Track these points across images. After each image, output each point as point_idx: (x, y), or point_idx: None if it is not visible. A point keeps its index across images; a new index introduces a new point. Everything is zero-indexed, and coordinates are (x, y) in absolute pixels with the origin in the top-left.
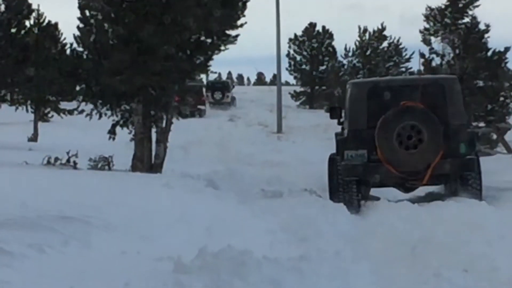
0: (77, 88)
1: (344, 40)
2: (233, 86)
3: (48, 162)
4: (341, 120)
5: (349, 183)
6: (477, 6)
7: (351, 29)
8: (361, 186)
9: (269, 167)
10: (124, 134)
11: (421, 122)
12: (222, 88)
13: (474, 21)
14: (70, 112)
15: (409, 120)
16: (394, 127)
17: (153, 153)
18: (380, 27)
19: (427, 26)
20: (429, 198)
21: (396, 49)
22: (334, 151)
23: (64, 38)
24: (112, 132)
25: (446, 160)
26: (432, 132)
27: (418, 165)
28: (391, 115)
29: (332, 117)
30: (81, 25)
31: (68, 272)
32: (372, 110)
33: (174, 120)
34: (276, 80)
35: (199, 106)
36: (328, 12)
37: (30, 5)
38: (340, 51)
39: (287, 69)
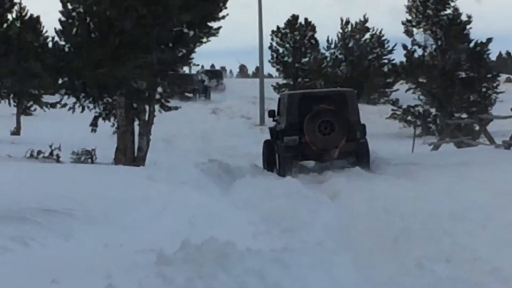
0: (60, 81)
1: (328, 32)
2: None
3: (31, 156)
4: (275, 118)
5: (286, 158)
6: None
7: (334, 22)
8: (293, 160)
9: (252, 159)
10: (107, 127)
11: (333, 118)
12: (217, 76)
13: (456, 13)
14: (53, 105)
15: (326, 117)
16: (316, 121)
17: (136, 145)
18: (362, 19)
19: (409, 17)
20: (411, 191)
21: (379, 41)
22: None
23: (46, 31)
24: (94, 124)
25: (348, 143)
26: (340, 125)
27: (331, 146)
28: (314, 114)
29: (269, 116)
30: (63, 19)
31: (51, 265)
32: (301, 111)
33: (156, 113)
34: (258, 72)
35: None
36: (311, 4)
37: None
38: (322, 43)
39: (269, 61)
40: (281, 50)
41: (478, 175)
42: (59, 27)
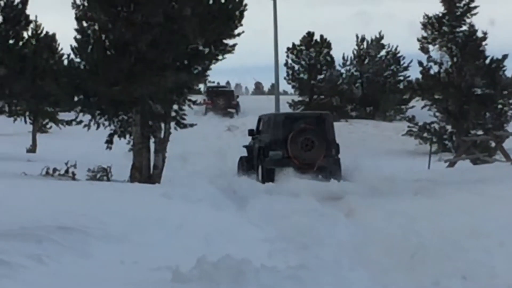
0: (75, 98)
1: (343, 49)
2: (237, 95)
3: (47, 173)
4: (254, 136)
5: (271, 170)
6: (475, 14)
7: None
8: (275, 172)
9: None
10: (123, 144)
11: (313, 136)
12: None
13: (472, 29)
14: (68, 122)
15: (307, 135)
16: (299, 138)
17: (152, 163)
18: (378, 35)
19: (425, 34)
20: (428, 207)
21: (394, 57)
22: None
23: (62, 49)
24: (109, 141)
25: (325, 159)
26: (319, 142)
27: (311, 160)
28: (297, 132)
29: (249, 134)
30: (78, 37)
31: (67, 282)
32: (285, 129)
33: (172, 130)
34: (274, 89)
35: (229, 109)
36: (327, 21)
37: (27, 16)
38: (338, 60)
39: (285, 78)
40: (296, 67)
41: (494, 192)
42: (74, 44)
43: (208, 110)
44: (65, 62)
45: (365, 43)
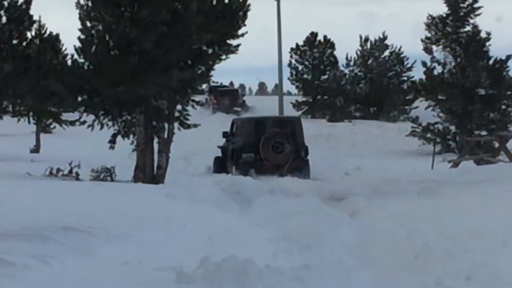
0: (79, 99)
1: (347, 49)
2: (243, 95)
3: (51, 173)
4: (228, 138)
5: (244, 171)
6: (479, 14)
7: (353, 39)
8: (248, 171)
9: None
10: (126, 145)
11: (284, 139)
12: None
13: (475, 30)
14: (72, 123)
15: (278, 139)
16: (270, 141)
17: (155, 163)
18: (381, 36)
19: (429, 35)
20: (432, 208)
21: (398, 58)
22: (335, 159)
23: (65, 49)
24: (112, 141)
25: (295, 160)
26: (289, 145)
27: (282, 162)
28: (269, 135)
29: (223, 137)
30: (82, 37)
31: (71, 283)
32: (257, 132)
33: (176, 130)
34: (277, 89)
35: (235, 108)
36: (330, 22)
37: (31, 16)
38: (342, 61)
39: (288, 78)
40: (300, 67)
41: (498, 192)
42: (78, 44)
43: (215, 110)
44: (69, 62)
45: (368, 44)
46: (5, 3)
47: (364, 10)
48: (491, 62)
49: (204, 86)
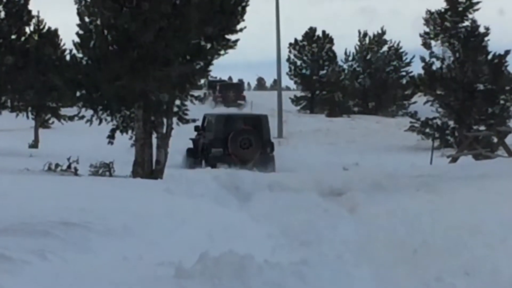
0: (78, 94)
1: (345, 44)
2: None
3: (49, 169)
4: (200, 132)
5: (213, 165)
6: (477, 9)
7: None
8: (216, 165)
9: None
10: (125, 140)
11: (250, 136)
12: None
13: (474, 25)
14: (71, 118)
15: (245, 135)
16: (238, 138)
17: (154, 158)
18: (380, 31)
19: (427, 30)
20: (431, 203)
21: (396, 53)
22: (334, 154)
23: (64, 44)
24: (111, 137)
25: (261, 156)
26: (255, 141)
27: (249, 157)
28: (237, 132)
29: (195, 130)
30: (81, 32)
31: (69, 278)
32: (226, 129)
33: (174, 125)
34: (276, 85)
35: (239, 101)
36: (329, 17)
37: (30, 11)
38: (340, 56)
39: (287, 73)
40: (299, 62)
41: (497, 188)
42: (77, 39)
43: (218, 103)
44: (68, 57)
45: (367, 39)
46: None
47: (364, 5)
48: (490, 57)
49: (202, 81)
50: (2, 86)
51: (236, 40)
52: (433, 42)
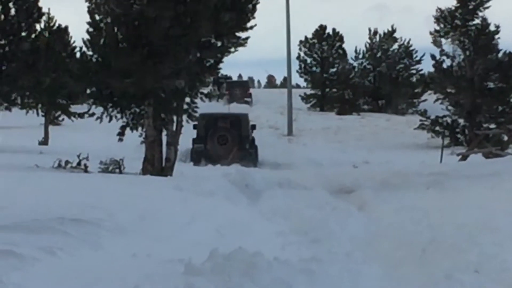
0: (87, 91)
1: (356, 42)
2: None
3: (59, 165)
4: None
5: (195, 159)
6: (488, 7)
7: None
8: (201, 159)
9: (280, 169)
10: (135, 137)
11: (227, 133)
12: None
13: (485, 23)
14: (81, 115)
15: (222, 132)
16: (216, 135)
17: (164, 156)
18: (390, 29)
19: (438, 28)
20: (440, 201)
21: (407, 51)
22: (344, 152)
23: (74, 42)
24: (121, 134)
25: (239, 151)
26: (232, 138)
27: (225, 153)
28: (215, 130)
29: (194, 128)
30: (91, 29)
31: (79, 275)
32: (207, 127)
33: (184, 123)
34: (286, 82)
35: (245, 99)
36: (339, 14)
37: (40, 8)
38: (350, 54)
39: (297, 71)
40: (309, 60)
41: (507, 186)
42: (87, 37)
43: (230, 101)
44: (78, 54)
45: (377, 37)
46: None
47: (376, 3)
48: (500, 55)
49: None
50: (12, 83)
51: (247, 38)
52: (443, 40)
